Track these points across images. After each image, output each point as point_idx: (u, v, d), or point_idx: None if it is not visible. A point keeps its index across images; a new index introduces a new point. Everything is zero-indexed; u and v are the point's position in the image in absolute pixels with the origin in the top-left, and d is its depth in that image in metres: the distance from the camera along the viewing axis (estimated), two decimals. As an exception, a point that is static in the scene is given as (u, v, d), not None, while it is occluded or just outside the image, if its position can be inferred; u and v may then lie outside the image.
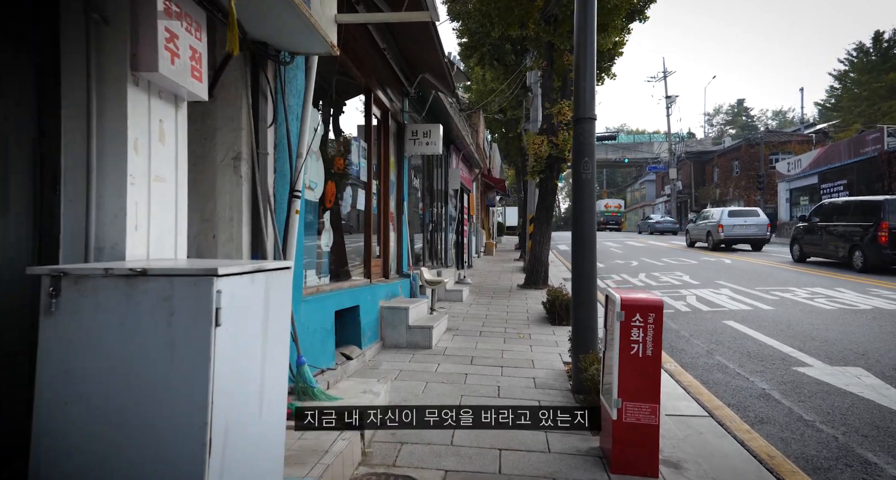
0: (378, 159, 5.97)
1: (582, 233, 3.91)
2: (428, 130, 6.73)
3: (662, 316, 2.57)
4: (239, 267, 1.47)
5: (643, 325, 2.58)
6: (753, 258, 15.41)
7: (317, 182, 3.88)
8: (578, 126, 4.01)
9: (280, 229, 3.07)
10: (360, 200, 5.12)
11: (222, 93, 2.80)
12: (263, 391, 1.64)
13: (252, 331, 1.58)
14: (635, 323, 2.59)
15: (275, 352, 1.73)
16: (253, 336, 1.58)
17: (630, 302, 2.60)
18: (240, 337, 1.49)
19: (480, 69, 16.51)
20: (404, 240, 6.69)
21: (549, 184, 9.91)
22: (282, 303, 1.80)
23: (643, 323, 2.58)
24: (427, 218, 8.96)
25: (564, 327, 6.20)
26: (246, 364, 1.54)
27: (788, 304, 7.59)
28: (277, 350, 1.76)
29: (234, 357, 1.45)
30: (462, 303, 7.98)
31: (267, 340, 1.66)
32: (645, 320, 2.58)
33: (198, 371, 1.32)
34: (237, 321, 1.47)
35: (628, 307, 2.59)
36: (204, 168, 2.80)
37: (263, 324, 1.64)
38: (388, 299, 5.52)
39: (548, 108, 9.76)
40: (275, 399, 1.72)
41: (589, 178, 4.00)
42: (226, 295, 1.38)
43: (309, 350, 3.42)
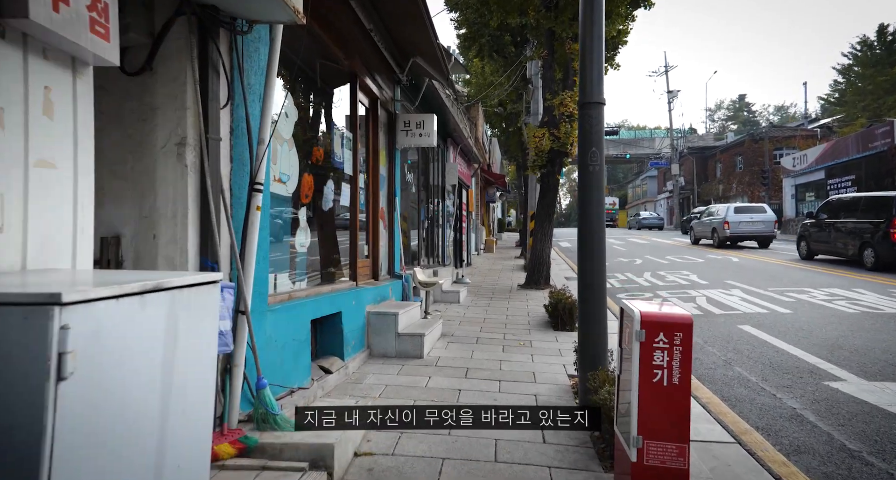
0: (366, 151, 5.51)
1: (589, 234, 3.45)
2: (421, 121, 6.26)
3: (692, 335, 2.11)
4: (112, 288, 1.01)
5: (668, 347, 2.13)
6: (760, 255, 14.96)
7: (290, 174, 3.43)
8: (585, 112, 3.54)
9: (238, 228, 2.61)
10: (346, 196, 4.66)
11: (163, 66, 2.34)
12: (164, 457, 1.18)
13: (143, 376, 1.12)
14: (659, 344, 2.13)
15: (188, 398, 1.27)
16: (143, 382, 1.12)
17: (652, 318, 2.14)
18: (112, 390, 1.03)
19: (479, 61, 16.01)
20: (396, 239, 6.23)
21: (550, 179, 9.45)
22: (202, 330, 1.35)
23: (668, 344, 2.12)
24: (423, 214, 8.50)
25: (568, 333, 5.75)
26: (127, 426, 1.08)
27: (806, 307, 7.14)
28: (194, 393, 1.30)
29: (101, 421, 0.99)
30: (459, 305, 7.53)
31: (172, 384, 1.21)
32: (670, 341, 2.12)
33: (24, 457, 0.86)
34: (108, 366, 1.01)
35: (650, 324, 2.13)
36: (142, 155, 2.34)
37: (166, 363, 1.19)
38: (377, 303, 5.07)
39: (549, 100, 9.29)
40: (186, 462, 1.27)
41: (597, 170, 3.54)
42: (81, 331, 0.92)
43: (276, 367, 2.97)
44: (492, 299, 8.21)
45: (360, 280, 5.03)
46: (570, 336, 5.61)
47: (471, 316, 6.70)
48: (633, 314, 2.18)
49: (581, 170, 3.58)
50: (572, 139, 9.01)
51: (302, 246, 3.69)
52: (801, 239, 14.04)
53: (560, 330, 5.89)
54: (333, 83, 4.54)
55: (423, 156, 8.96)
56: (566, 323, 5.93)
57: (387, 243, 6.13)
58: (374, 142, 5.60)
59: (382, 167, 5.96)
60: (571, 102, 8.85)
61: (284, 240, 3.45)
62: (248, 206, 2.63)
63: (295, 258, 3.59)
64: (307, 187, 3.74)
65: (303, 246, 3.70)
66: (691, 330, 2.10)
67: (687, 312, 2.19)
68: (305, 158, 3.83)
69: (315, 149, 3.99)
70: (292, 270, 3.54)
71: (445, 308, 7.28)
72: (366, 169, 5.50)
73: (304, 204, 3.72)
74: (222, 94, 2.52)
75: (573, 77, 8.99)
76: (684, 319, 2.14)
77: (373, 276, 5.55)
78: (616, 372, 2.54)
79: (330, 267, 4.41)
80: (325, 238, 4.44)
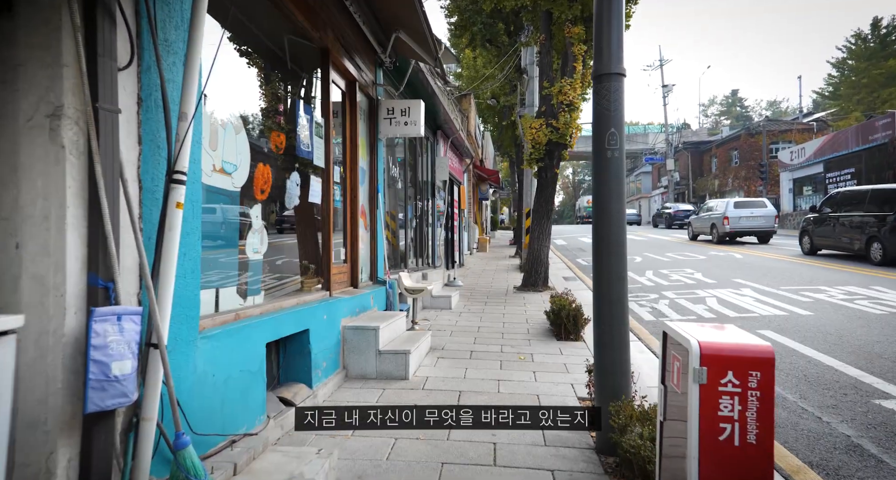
0: (343, 141, 4.85)
1: (607, 236, 2.82)
2: (406, 108, 5.60)
3: (773, 375, 1.49)
4: None
5: (741, 392, 1.51)
6: (762, 251, 14.46)
7: (237, 164, 2.76)
8: (601, 85, 2.90)
9: (150, 232, 1.95)
10: (316, 191, 3.99)
11: (29, 4, 1.67)
12: None
13: None
14: (727, 387, 1.52)
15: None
16: None
17: (717, 351, 1.52)
18: None
19: (472, 52, 15.36)
20: (379, 241, 5.58)
21: (548, 173, 8.83)
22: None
23: (741, 387, 1.51)
24: (411, 213, 7.85)
25: (573, 344, 5.13)
26: None
27: (827, 308, 6.57)
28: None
29: None
30: (451, 312, 6.89)
31: None
32: (744, 383, 1.51)
33: None
34: None
35: (715, 360, 1.51)
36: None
37: None
38: (355, 315, 4.42)
39: (546, 88, 8.66)
40: None
41: (617, 157, 2.91)
42: None
43: (214, 410, 2.31)
44: (486, 304, 7.58)
45: (336, 289, 4.37)
46: (575, 347, 4.99)
47: (464, 325, 6.06)
48: (689, 345, 1.56)
49: (597, 156, 2.95)
50: (572, 130, 8.40)
51: (256, 252, 3.02)
52: (803, 233, 13.60)
53: (564, 340, 5.27)
54: (300, 59, 3.88)
55: (411, 150, 8.31)
56: (570, 333, 5.31)
57: (368, 245, 5.47)
58: (352, 131, 4.93)
59: (362, 159, 5.30)
60: (571, 90, 8.23)
61: (231, 245, 2.79)
62: (164, 203, 1.97)
63: (246, 267, 2.93)
64: (263, 180, 3.08)
65: (257, 253, 3.04)
66: (773, 368, 1.49)
67: (766, 343, 1.57)
68: (260, 145, 3.17)
69: (274, 135, 3.32)
70: (242, 283, 2.88)
71: (436, 315, 6.63)
72: (342, 161, 4.84)
73: (258, 200, 3.05)
74: (122, 50, 1.85)
75: (572, 63, 8.37)
76: (763, 352, 1.53)
77: (351, 283, 4.89)
78: (658, 417, 1.91)
79: (295, 276, 3.75)
80: (290, 241, 3.79)
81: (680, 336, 1.62)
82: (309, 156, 3.85)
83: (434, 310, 6.95)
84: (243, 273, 2.90)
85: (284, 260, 3.71)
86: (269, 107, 3.37)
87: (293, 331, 3.24)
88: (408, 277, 5.79)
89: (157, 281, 1.92)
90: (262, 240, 3.06)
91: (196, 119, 2.17)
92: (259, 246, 3.04)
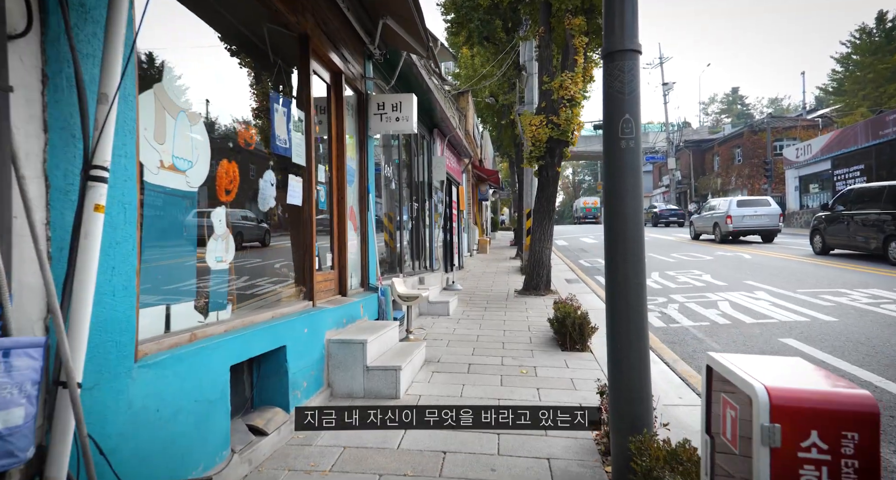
0: (329, 138, 4.47)
1: (622, 239, 2.44)
2: (397, 102, 5.22)
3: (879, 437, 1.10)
4: None
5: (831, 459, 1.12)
6: (771, 251, 14.04)
7: (192, 160, 2.38)
8: (613, 64, 2.52)
9: (61, 241, 1.57)
10: (296, 192, 3.61)
11: None
12: None
13: None
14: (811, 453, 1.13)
15: None
16: None
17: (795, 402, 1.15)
18: None
19: (469, 50, 15.00)
20: (370, 244, 5.20)
21: (549, 171, 8.44)
22: None
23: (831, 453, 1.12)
24: (406, 214, 7.46)
25: (579, 355, 4.73)
26: None
27: (851, 313, 6.16)
28: None
29: None
30: (448, 318, 6.50)
31: None
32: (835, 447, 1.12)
33: None
34: None
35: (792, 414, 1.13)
36: None
37: None
38: (342, 326, 4.03)
39: (546, 83, 8.28)
40: None
41: (632, 147, 2.52)
42: None
43: (154, 454, 1.93)
44: (486, 309, 7.18)
45: (320, 298, 3.99)
46: (581, 359, 4.60)
47: (462, 333, 5.67)
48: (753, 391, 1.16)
49: (609, 147, 2.56)
50: (573, 126, 8.01)
51: (220, 260, 2.64)
52: (814, 232, 13.18)
53: (569, 351, 4.87)
54: (277, 45, 3.50)
55: (406, 149, 7.93)
56: (576, 343, 4.92)
57: (359, 249, 5.09)
58: (338, 127, 4.56)
59: (351, 158, 4.92)
60: (572, 85, 7.85)
61: (187, 254, 2.41)
62: (80, 205, 1.59)
63: (207, 279, 2.54)
64: (228, 179, 2.70)
65: (221, 262, 2.65)
66: (878, 428, 1.09)
67: (863, 390, 1.17)
68: (225, 139, 2.79)
69: (242, 130, 2.94)
70: (202, 297, 2.49)
71: (433, 322, 6.24)
72: (328, 159, 4.46)
73: (223, 202, 2.67)
74: (16, 12, 1.47)
75: (573, 56, 7.98)
76: (862, 404, 1.14)
77: (339, 291, 4.51)
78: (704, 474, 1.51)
79: (272, 286, 3.37)
80: (264, 248, 3.41)
81: (736, 375, 1.22)
82: (286, 153, 3.47)
83: (431, 317, 6.56)
84: (204, 285, 2.52)
85: (254, 269, 3.32)
86: (237, 97, 2.98)
87: (266, 349, 2.86)
88: (402, 283, 5.40)
89: (68, 303, 1.54)
90: (226, 247, 2.68)
91: (127, 103, 1.80)
92: (223, 254, 2.65)
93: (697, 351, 4.99)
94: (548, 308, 7.11)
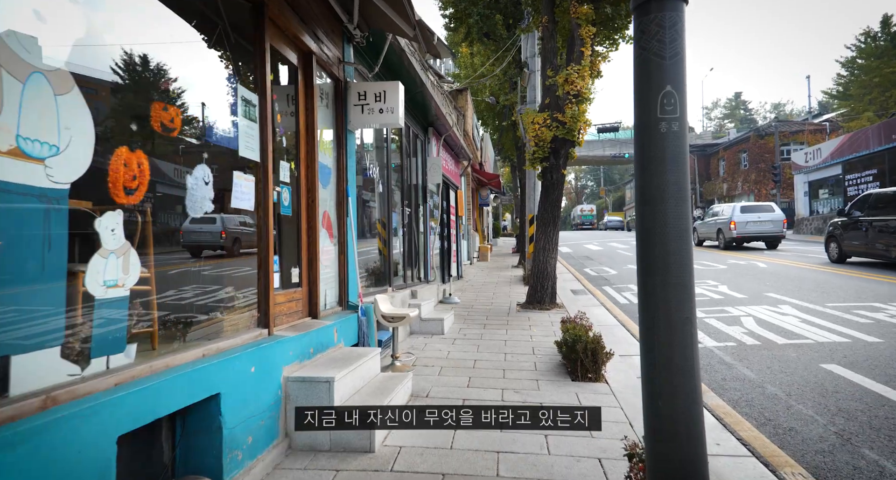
0: (297, 130, 3.78)
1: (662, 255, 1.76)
2: (381, 92, 4.54)
3: None
4: None
5: None
6: (786, 259, 13.32)
7: (58, 144, 1.68)
8: (648, 17, 1.84)
9: None
10: (245, 193, 2.92)
11: None
12: None
13: None
14: None
15: None
16: None
17: None
18: None
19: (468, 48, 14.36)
20: (350, 255, 4.50)
21: (554, 174, 7.74)
22: None
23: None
24: (396, 221, 6.76)
25: (592, 386, 4.01)
26: None
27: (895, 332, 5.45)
28: None
29: None
30: (443, 338, 5.79)
31: None
32: None
33: None
34: None
35: None
36: None
37: None
38: (309, 358, 3.32)
39: (550, 78, 7.61)
40: None
41: (675, 131, 1.83)
42: None
43: None
44: (486, 326, 6.46)
45: (281, 323, 3.28)
46: (596, 392, 3.88)
47: (457, 358, 4.95)
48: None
49: (643, 131, 1.87)
50: (580, 124, 7.32)
51: (114, 285, 1.93)
52: (830, 239, 12.52)
53: (581, 381, 4.16)
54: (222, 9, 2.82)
55: (399, 150, 7.24)
56: (588, 371, 4.20)
57: (336, 261, 4.39)
58: (308, 118, 3.87)
59: (326, 154, 4.23)
60: (579, 79, 7.17)
61: (51, 277, 1.70)
62: None
63: (90, 312, 1.83)
64: (129, 174, 2.00)
65: (116, 286, 1.94)
66: None
67: None
68: (125, 119, 2.09)
69: (158, 108, 2.24)
70: (78, 338, 1.78)
71: (425, 344, 5.53)
72: (294, 155, 3.77)
73: (120, 205, 1.97)
74: None
75: (580, 48, 7.31)
76: None
77: (309, 313, 3.81)
78: None
79: (214, 312, 2.66)
80: (193, 263, 2.70)
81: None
82: (231, 144, 2.78)
83: (423, 337, 5.84)
84: (85, 321, 1.81)
85: (175, 292, 2.62)
86: (150, 64, 2.28)
87: (188, 403, 2.15)
88: (386, 300, 4.68)
89: None
90: (123, 265, 1.97)
91: None
92: (118, 275, 1.95)
93: (729, 380, 4.27)
94: (553, 325, 6.39)
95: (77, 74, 1.77)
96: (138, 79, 2.21)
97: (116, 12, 2.09)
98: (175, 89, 2.39)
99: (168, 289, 2.35)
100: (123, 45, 2.07)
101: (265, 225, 3.09)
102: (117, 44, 2.04)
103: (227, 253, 2.95)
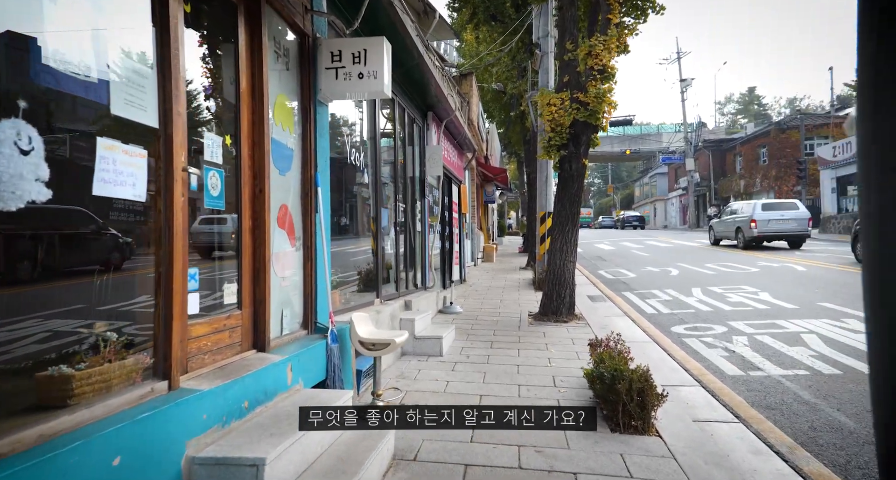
0: (237, 92, 2.74)
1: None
2: (360, 51, 3.48)
3: None
4: None
5: None
6: (822, 261, 12.15)
7: None
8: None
9: None
10: (123, 175, 1.89)
11: None
12: None
13: None
14: None
15: None
16: None
17: None
18: None
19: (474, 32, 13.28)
20: (320, 262, 3.46)
21: (573, 164, 6.66)
22: None
23: None
24: (385, 218, 5.71)
25: (641, 442, 2.94)
26: None
27: None
28: None
29: None
30: (441, 361, 4.74)
31: None
32: None
33: None
34: None
35: None
36: None
37: None
38: (239, 418, 2.29)
39: (570, 51, 6.53)
40: None
41: None
42: None
43: None
44: (493, 345, 5.40)
45: (201, 366, 2.25)
46: (648, 452, 2.81)
47: (458, 392, 3.90)
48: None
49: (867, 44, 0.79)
50: (605, 105, 6.24)
51: None
52: (857, 239, 11.42)
53: (624, 433, 3.10)
54: None
55: (392, 135, 6.19)
56: (633, 418, 3.14)
57: (300, 271, 3.35)
58: (253, 77, 2.83)
59: (286, 131, 3.19)
60: (605, 52, 6.09)
61: None
62: None
63: None
64: None
65: None
66: None
67: None
68: None
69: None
70: None
71: (418, 370, 4.48)
72: (232, 127, 2.73)
73: None
74: None
75: (605, 15, 6.23)
76: None
77: (253, 345, 2.77)
78: None
79: (45, 366, 1.62)
80: (46, 285, 1.67)
81: None
82: (99, 97, 1.75)
83: (417, 360, 4.80)
84: None
85: (43, 325, 1.60)
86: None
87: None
88: (367, 320, 3.62)
89: None
90: None
91: None
92: None
93: (818, 428, 3.21)
94: (575, 343, 5.33)
95: None
96: None
97: None
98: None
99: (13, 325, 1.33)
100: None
101: (167, 222, 2.05)
102: None
103: (104, 267, 1.92)
